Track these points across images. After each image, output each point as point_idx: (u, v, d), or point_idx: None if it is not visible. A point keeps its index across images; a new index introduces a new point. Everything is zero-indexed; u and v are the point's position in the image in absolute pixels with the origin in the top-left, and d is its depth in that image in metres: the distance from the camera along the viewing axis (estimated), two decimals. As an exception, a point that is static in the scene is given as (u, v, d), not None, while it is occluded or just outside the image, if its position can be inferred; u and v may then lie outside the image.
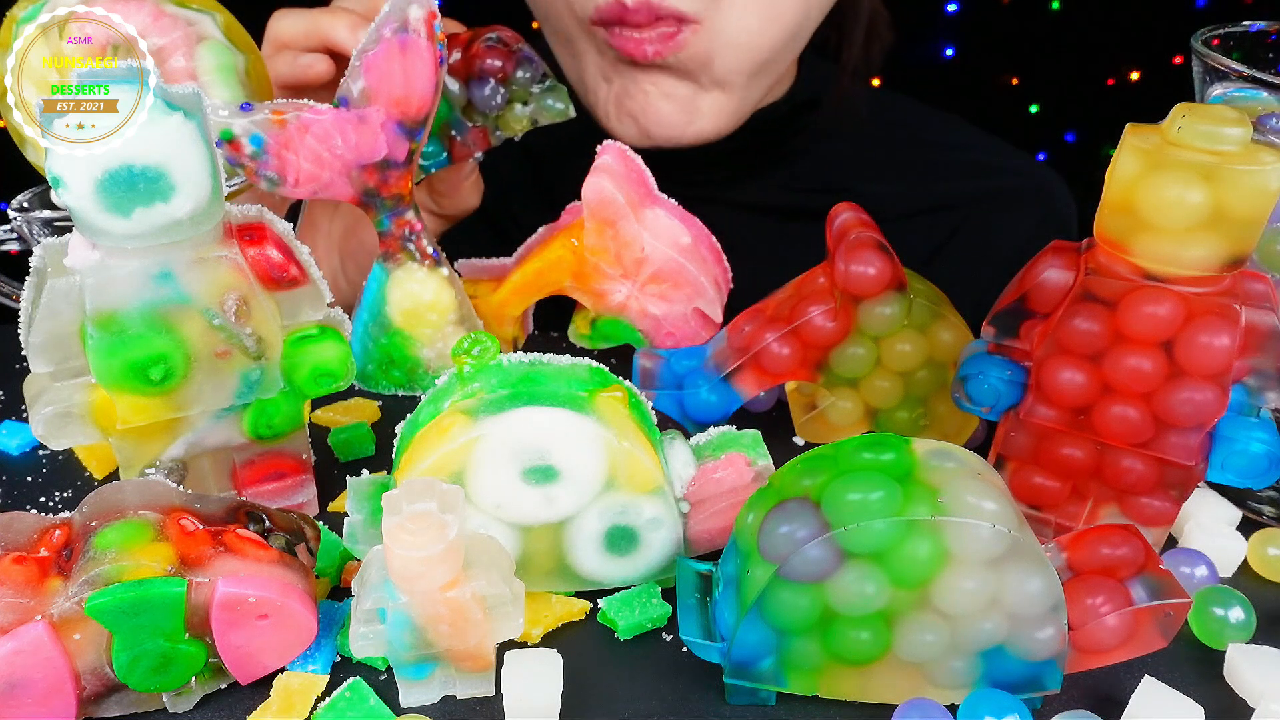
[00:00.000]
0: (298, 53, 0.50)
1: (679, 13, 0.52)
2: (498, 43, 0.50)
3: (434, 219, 0.59)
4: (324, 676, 0.34)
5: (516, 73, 0.50)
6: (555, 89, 0.51)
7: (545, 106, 0.51)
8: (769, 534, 0.31)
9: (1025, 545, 0.30)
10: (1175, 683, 0.33)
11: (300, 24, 0.50)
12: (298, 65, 0.50)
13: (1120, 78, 1.15)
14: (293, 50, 0.51)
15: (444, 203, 0.57)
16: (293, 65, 0.50)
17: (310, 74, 0.50)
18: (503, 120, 0.51)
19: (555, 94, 0.51)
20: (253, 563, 0.32)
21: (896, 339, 0.43)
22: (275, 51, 0.51)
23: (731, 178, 0.66)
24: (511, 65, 0.50)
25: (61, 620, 0.30)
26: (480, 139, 0.51)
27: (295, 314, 0.39)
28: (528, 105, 0.51)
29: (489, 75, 0.49)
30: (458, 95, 0.50)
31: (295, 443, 0.40)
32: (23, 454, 0.46)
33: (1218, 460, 0.36)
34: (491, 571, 0.31)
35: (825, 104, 0.66)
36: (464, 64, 0.50)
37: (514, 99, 0.50)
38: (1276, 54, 0.44)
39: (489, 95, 0.49)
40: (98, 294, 0.34)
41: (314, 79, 0.50)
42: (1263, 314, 0.34)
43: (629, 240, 0.47)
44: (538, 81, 0.51)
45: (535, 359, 0.38)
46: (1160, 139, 0.33)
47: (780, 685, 0.33)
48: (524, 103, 0.51)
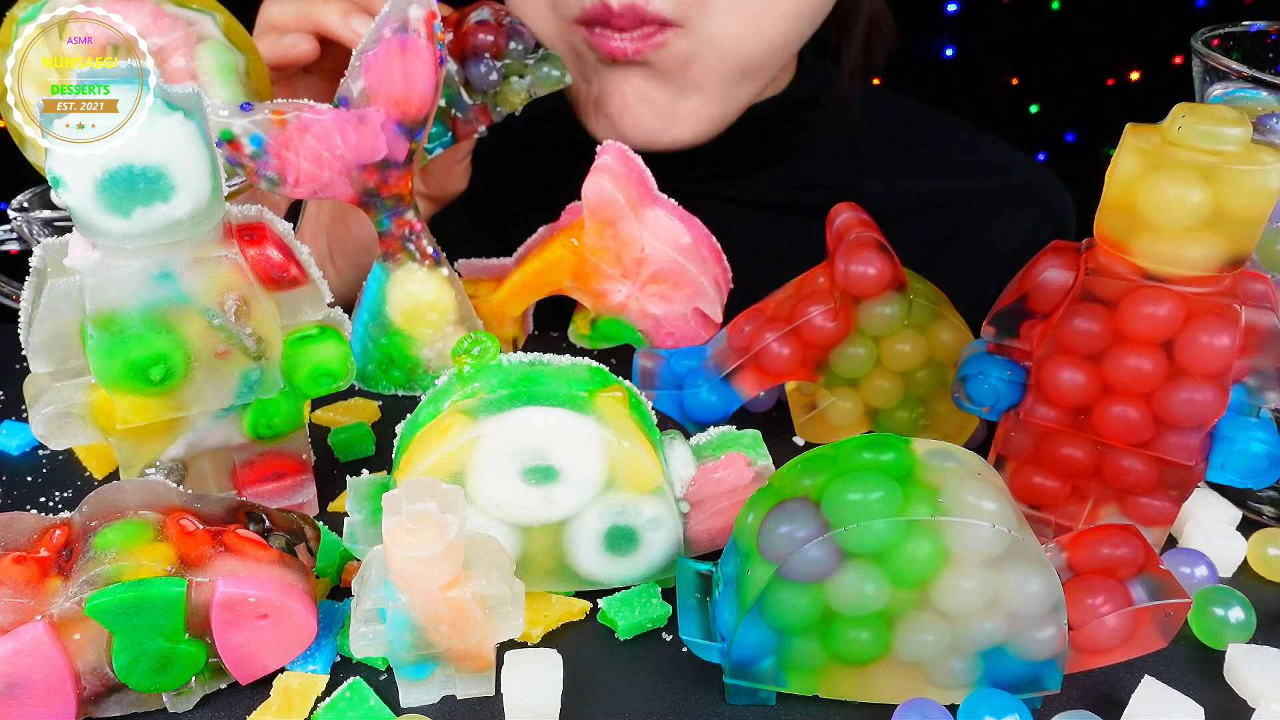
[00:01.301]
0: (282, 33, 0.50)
1: (663, 17, 0.53)
2: (486, 19, 0.50)
3: (424, 202, 0.59)
4: (324, 676, 0.34)
5: (508, 45, 0.49)
6: (549, 57, 0.51)
7: (541, 76, 0.50)
8: (769, 534, 0.31)
9: (1025, 545, 0.30)
10: (1175, 683, 0.33)
11: (292, 9, 0.50)
12: (281, 45, 0.50)
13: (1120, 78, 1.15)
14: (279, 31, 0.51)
15: (433, 184, 0.57)
16: (275, 45, 0.50)
17: (293, 53, 0.50)
18: (501, 96, 0.51)
19: (549, 62, 0.51)
20: (253, 563, 0.32)
21: (896, 339, 0.44)
22: (263, 33, 0.51)
23: (731, 174, 0.66)
24: (503, 39, 0.49)
25: (61, 620, 0.30)
26: (482, 115, 0.51)
27: (295, 314, 0.39)
28: (524, 78, 0.50)
29: (482, 51, 0.49)
30: (455, 75, 0.50)
31: (295, 443, 0.40)
32: (23, 454, 0.46)
33: (1218, 460, 0.36)
34: (491, 571, 0.31)
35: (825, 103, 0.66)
36: (456, 44, 0.50)
37: (509, 72, 0.50)
38: (1276, 54, 0.44)
39: (485, 72, 0.49)
40: (98, 294, 0.34)
41: (296, 59, 0.50)
42: (1263, 314, 0.34)
43: (629, 240, 0.47)
44: (530, 52, 0.50)
45: (535, 359, 0.38)
46: (1160, 139, 0.33)
47: (780, 685, 0.33)
48: (520, 75, 0.50)
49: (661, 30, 0.53)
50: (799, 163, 0.67)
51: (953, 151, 0.70)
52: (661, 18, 0.53)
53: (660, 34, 0.53)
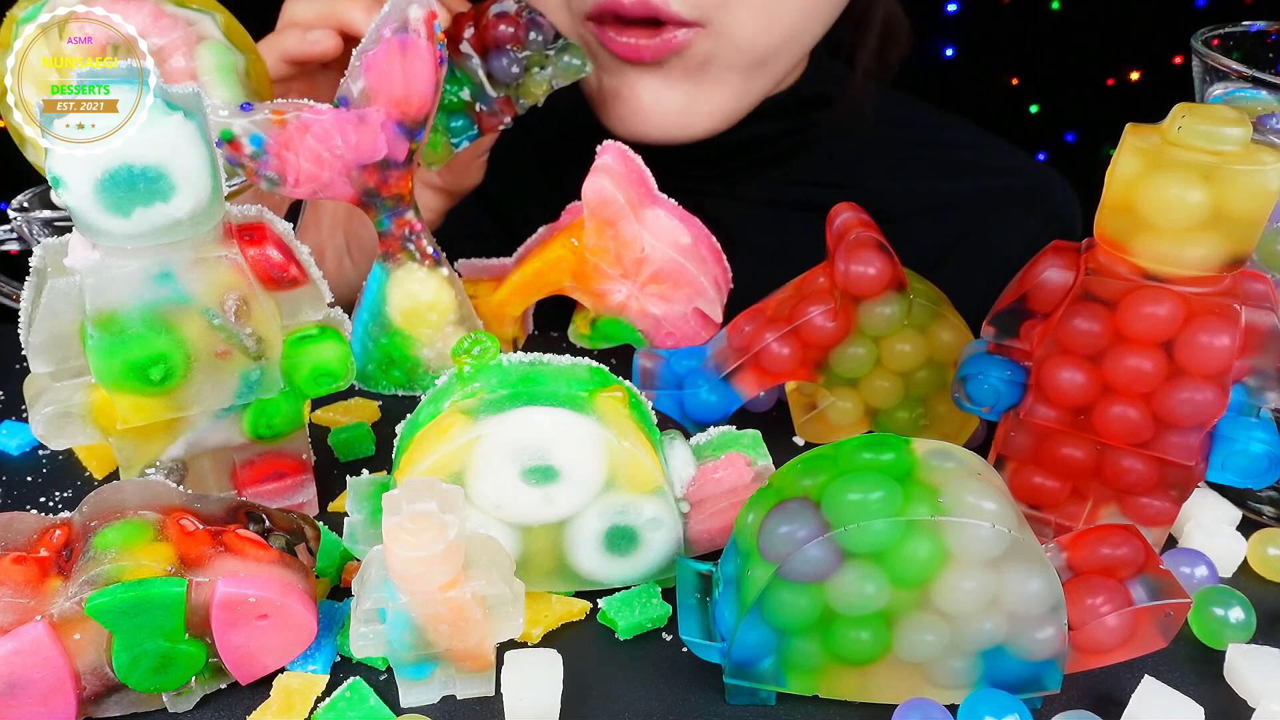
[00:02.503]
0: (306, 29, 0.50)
1: (680, 17, 0.52)
2: (507, 11, 0.50)
3: (439, 196, 0.59)
4: (324, 676, 0.34)
5: (529, 37, 0.50)
6: (569, 46, 0.51)
7: (562, 66, 0.50)
8: (769, 534, 0.31)
9: (1025, 545, 0.30)
10: (1175, 683, 0.33)
11: (315, 6, 0.50)
12: (306, 40, 0.50)
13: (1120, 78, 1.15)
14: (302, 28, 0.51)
15: (450, 178, 0.57)
16: (300, 40, 0.50)
17: (317, 49, 0.50)
18: (523, 88, 0.51)
19: (570, 51, 0.51)
20: (253, 563, 0.32)
21: (896, 339, 0.43)
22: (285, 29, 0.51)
23: (738, 172, 0.66)
24: (523, 31, 0.49)
25: (61, 620, 0.30)
26: (506, 107, 0.51)
27: (295, 314, 0.39)
28: (545, 69, 0.50)
29: (503, 44, 0.49)
30: (477, 70, 0.50)
31: (295, 443, 0.40)
32: (23, 454, 0.46)
33: (1218, 460, 0.36)
34: (491, 571, 0.31)
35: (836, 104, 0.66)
36: (478, 39, 0.50)
37: (531, 64, 0.50)
38: (1276, 54, 0.44)
39: (507, 65, 0.49)
40: (98, 294, 0.34)
41: (320, 54, 0.50)
42: (1263, 314, 0.34)
43: (629, 240, 0.47)
44: (551, 43, 0.50)
45: (535, 359, 0.38)
46: (1160, 139, 0.33)
47: (780, 685, 0.33)
48: (541, 66, 0.50)
49: (683, 31, 0.53)
50: (805, 162, 0.67)
51: (960, 152, 0.70)
52: (680, 18, 0.52)
53: (681, 36, 0.53)
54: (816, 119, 0.66)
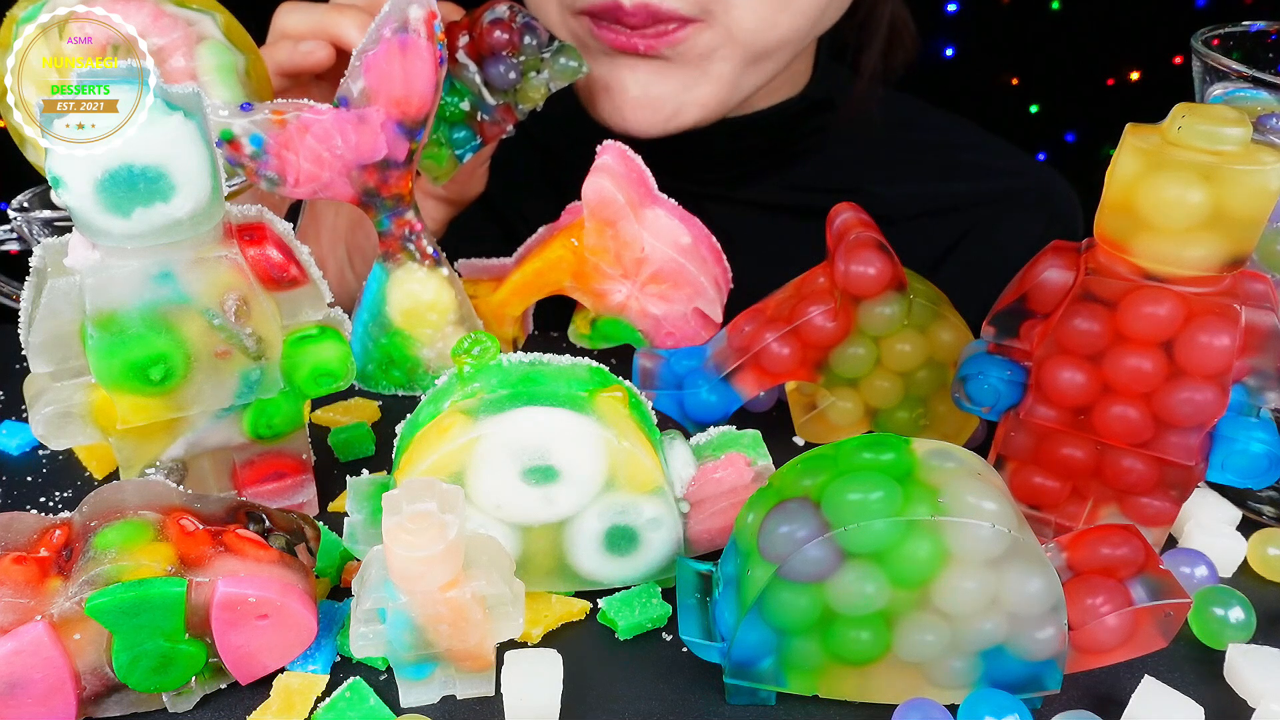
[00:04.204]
0: (298, 40, 0.50)
1: (678, 14, 0.52)
2: (500, 18, 0.50)
3: (442, 206, 0.59)
4: (324, 676, 0.34)
5: (524, 42, 0.49)
6: (564, 48, 0.50)
7: (558, 68, 0.50)
8: (769, 534, 0.31)
9: (1025, 545, 0.30)
10: (1175, 683, 0.33)
11: (307, 18, 0.50)
12: (298, 52, 0.50)
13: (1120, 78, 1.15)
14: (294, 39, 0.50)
15: (453, 188, 0.57)
16: (292, 52, 0.50)
17: (310, 60, 0.50)
18: (522, 93, 0.51)
19: (565, 53, 0.50)
20: (253, 563, 0.32)
21: (896, 339, 0.43)
22: (276, 40, 0.51)
23: (741, 176, 0.66)
24: (518, 36, 0.49)
25: (61, 620, 0.30)
26: (507, 115, 0.51)
27: (295, 314, 0.39)
28: (542, 72, 0.50)
29: (499, 50, 0.49)
30: (475, 78, 0.50)
31: (295, 443, 0.40)
32: (23, 454, 0.46)
33: (1218, 460, 0.36)
34: (491, 571, 0.31)
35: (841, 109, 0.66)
36: (473, 47, 0.50)
37: (527, 69, 0.50)
38: (1276, 54, 0.44)
39: (504, 72, 0.49)
40: (98, 294, 0.34)
41: (313, 65, 0.50)
42: (1263, 314, 0.34)
43: (629, 240, 0.47)
44: (545, 46, 0.50)
45: (535, 359, 0.38)
46: (1160, 139, 0.33)
47: (780, 685, 0.33)
48: (537, 70, 0.50)
49: (681, 26, 0.53)
50: (810, 165, 0.66)
51: (962, 154, 0.70)
52: (678, 14, 0.52)
53: (680, 30, 0.53)
54: (822, 124, 0.66)
